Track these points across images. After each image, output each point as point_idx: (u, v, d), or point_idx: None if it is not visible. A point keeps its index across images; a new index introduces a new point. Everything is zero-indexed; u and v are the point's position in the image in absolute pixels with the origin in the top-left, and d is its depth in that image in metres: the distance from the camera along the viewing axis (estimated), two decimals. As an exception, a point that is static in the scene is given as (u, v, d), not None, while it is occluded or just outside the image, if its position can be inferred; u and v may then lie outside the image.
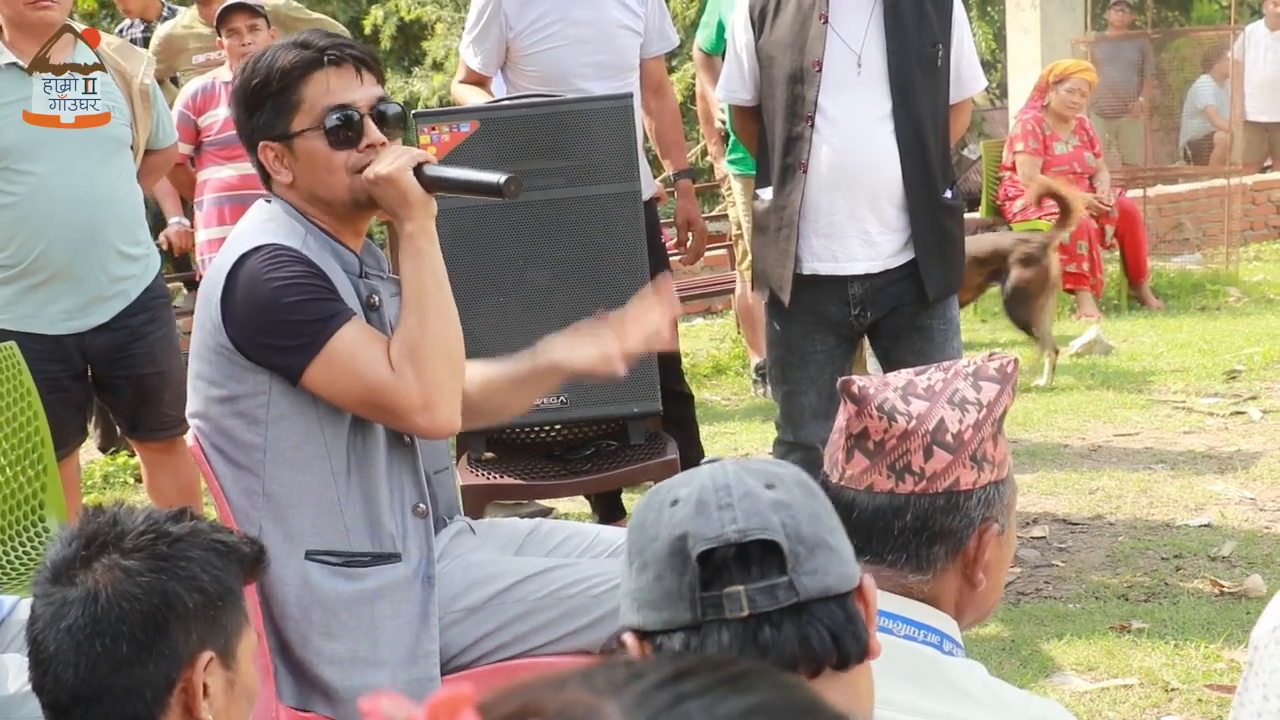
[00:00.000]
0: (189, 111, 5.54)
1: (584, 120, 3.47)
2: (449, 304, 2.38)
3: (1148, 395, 5.92)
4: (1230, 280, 8.37)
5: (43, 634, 1.63)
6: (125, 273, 3.81)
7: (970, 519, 1.59)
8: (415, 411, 2.31)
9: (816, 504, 1.33)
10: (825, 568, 1.29)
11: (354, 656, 2.38)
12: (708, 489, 1.31)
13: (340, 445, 2.37)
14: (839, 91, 3.54)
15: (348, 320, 2.31)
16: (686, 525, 1.29)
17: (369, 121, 2.38)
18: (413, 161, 2.34)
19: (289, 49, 2.40)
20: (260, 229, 2.39)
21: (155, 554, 1.63)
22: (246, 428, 2.37)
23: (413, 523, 2.43)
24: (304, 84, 2.37)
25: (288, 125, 2.38)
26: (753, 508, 1.29)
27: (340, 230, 2.44)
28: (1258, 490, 4.62)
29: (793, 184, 3.59)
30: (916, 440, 1.57)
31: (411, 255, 2.36)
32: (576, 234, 3.49)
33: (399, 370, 2.30)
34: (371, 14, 11.99)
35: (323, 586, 2.38)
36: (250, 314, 2.31)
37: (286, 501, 2.38)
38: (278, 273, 2.30)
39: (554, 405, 3.54)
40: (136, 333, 3.85)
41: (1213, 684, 3.26)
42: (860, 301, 3.64)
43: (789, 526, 1.29)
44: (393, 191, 2.34)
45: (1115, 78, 10.62)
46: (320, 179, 2.39)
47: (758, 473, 1.32)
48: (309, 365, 2.30)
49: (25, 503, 3.38)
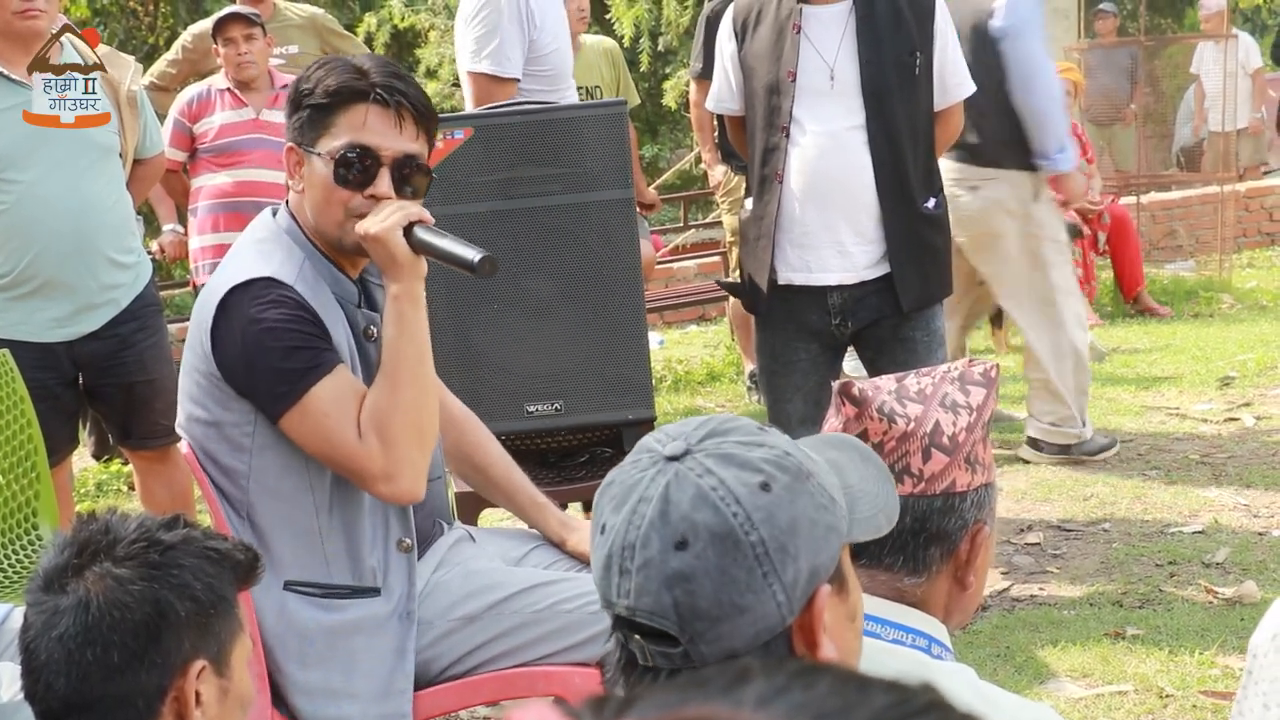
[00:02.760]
0: (184, 119, 5.54)
1: (578, 127, 3.47)
2: (426, 373, 2.34)
3: (1141, 402, 5.93)
4: (1223, 287, 8.39)
5: (35, 642, 1.62)
6: (115, 281, 3.80)
7: (964, 520, 1.60)
8: (377, 479, 2.30)
9: (735, 561, 1.22)
10: (731, 633, 1.23)
11: (326, 687, 2.37)
12: (618, 541, 1.25)
13: (324, 478, 2.35)
14: (813, 102, 3.55)
15: (329, 372, 2.28)
16: (597, 572, 1.28)
17: (385, 172, 2.33)
18: (404, 221, 2.28)
19: (346, 70, 2.35)
20: (258, 252, 2.36)
21: (147, 562, 1.62)
22: (231, 453, 2.37)
23: (395, 558, 2.41)
24: (342, 110, 2.33)
25: (314, 141, 2.35)
26: (646, 583, 1.23)
27: (338, 257, 2.40)
28: (1252, 496, 4.62)
29: (770, 195, 3.61)
30: (915, 442, 1.58)
31: (394, 319, 2.31)
32: (571, 240, 3.49)
33: (365, 438, 2.28)
34: (365, 21, 11.98)
35: (299, 616, 2.37)
36: (236, 353, 2.30)
37: (268, 529, 2.37)
38: (267, 313, 2.27)
39: (549, 413, 3.54)
40: (127, 341, 3.84)
41: (1207, 690, 3.26)
42: (840, 311, 3.65)
43: (683, 605, 1.22)
44: (381, 251, 2.29)
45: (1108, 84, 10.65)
46: (319, 206, 2.36)
47: (676, 524, 1.22)
48: (284, 414, 2.29)
49: (18, 511, 3.38)
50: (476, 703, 2.82)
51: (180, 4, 12.15)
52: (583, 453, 3.71)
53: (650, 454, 1.28)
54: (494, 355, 3.43)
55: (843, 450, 1.43)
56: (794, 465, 1.27)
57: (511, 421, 3.56)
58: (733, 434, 1.28)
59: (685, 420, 1.31)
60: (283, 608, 2.36)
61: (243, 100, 5.50)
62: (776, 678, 0.62)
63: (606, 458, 3.69)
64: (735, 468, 1.25)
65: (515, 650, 2.43)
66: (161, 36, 12.28)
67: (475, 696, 2.53)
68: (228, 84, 5.53)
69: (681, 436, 1.28)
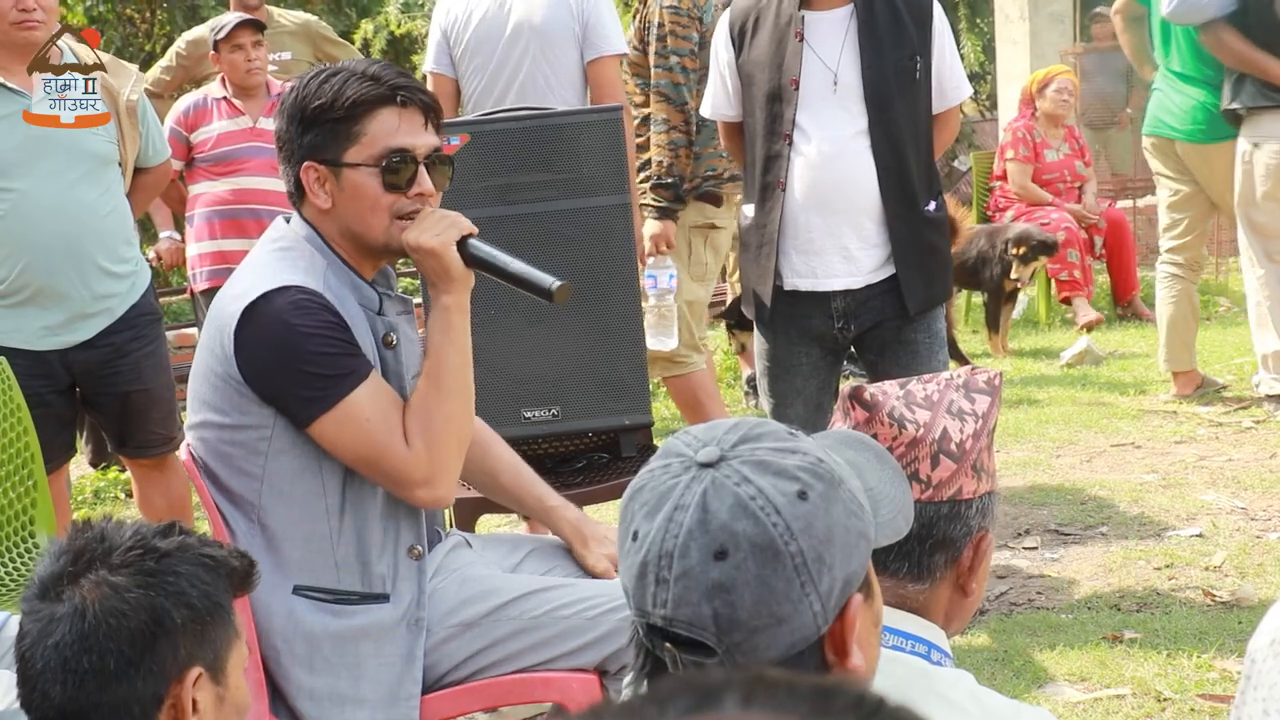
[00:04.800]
0: (180, 128, 5.54)
1: (575, 133, 3.47)
2: (469, 384, 2.39)
3: (1139, 405, 5.93)
4: (1220, 290, 8.39)
5: (30, 650, 1.62)
6: (109, 290, 3.79)
7: (969, 528, 1.60)
8: (418, 484, 2.34)
9: (775, 572, 1.21)
10: (768, 644, 1.22)
11: (334, 693, 2.37)
12: (653, 549, 1.23)
13: (336, 484, 2.36)
14: (816, 109, 3.55)
15: (364, 379, 2.31)
16: (629, 580, 1.26)
17: (423, 170, 2.37)
18: (458, 235, 2.34)
19: (360, 79, 2.35)
20: (282, 262, 2.36)
21: (143, 569, 1.62)
22: (245, 457, 2.37)
23: (405, 564, 2.41)
24: (370, 118, 2.34)
25: (341, 154, 2.35)
26: (685, 594, 1.22)
27: (360, 263, 2.41)
28: (1249, 500, 4.62)
29: (772, 202, 3.61)
30: (924, 448, 1.59)
31: (442, 328, 2.37)
32: (569, 245, 3.49)
33: (412, 444, 2.32)
34: (362, 28, 12.00)
35: (308, 620, 2.37)
36: (270, 356, 2.30)
37: (279, 534, 2.37)
38: (305, 320, 2.28)
39: (546, 418, 3.54)
40: (121, 350, 3.83)
41: (1205, 694, 3.25)
42: (843, 315, 3.65)
43: (722, 616, 1.21)
44: (434, 264, 2.34)
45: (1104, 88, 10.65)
46: (362, 215, 2.36)
47: (715, 534, 1.21)
48: (319, 418, 2.30)
49: (15, 519, 3.37)
50: (475, 709, 2.82)
51: (177, 11, 12.16)
52: (580, 458, 3.70)
53: (681, 459, 1.26)
54: (491, 359, 3.42)
55: (859, 450, 1.42)
56: (828, 473, 1.26)
57: (508, 426, 3.56)
58: (765, 439, 1.27)
59: (713, 423, 1.30)
60: (291, 612, 2.36)
61: (239, 109, 5.50)
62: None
63: (603, 463, 3.68)
64: (772, 476, 1.23)
65: (513, 656, 2.43)
66: (158, 44, 12.28)
67: (473, 702, 2.53)
68: (224, 93, 5.53)
69: (713, 441, 1.26)
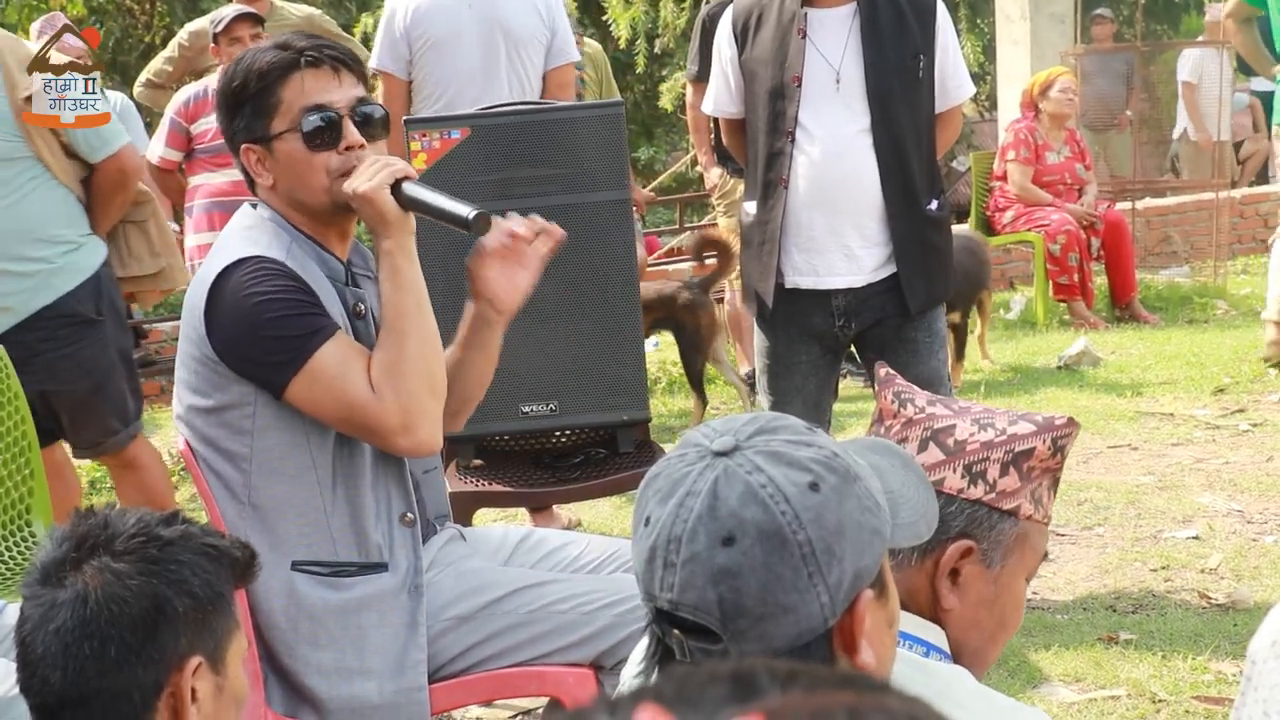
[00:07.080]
0: (180, 119, 5.55)
1: (574, 128, 3.47)
2: (428, 323, 2.36)
3: (1136, 407, 5.93)
4: (1218, 293, 8.40)
5: (31, 635, 1.62)
6: (6, 288, 3.70)
7: (946, 526, 1.57)
8: (395, 432, 2.31)
9: (781, 560, 1.22)
10: (773, 632, 1.23)
11: (341, 666, 2.37)
12: (663, 534, 1.25)
13: (326, 456, 2.36)
14: (819, 107, 3.55)
15: (331, 336, 2.30)
16: (639, 564, 1.28)
17: (348, 122, 2.36)
18: (390, 178, 2.31)
19: (267, 51, 2.39)
20: (244, 237, 2.38)
21: (146, 557, 1.62)
22: (231, 437, 2.37)
23: (400, 532, 2.42)
24: (281, 85, 2.35)
25: (266, 127, 2.37)
26: (691, 578, 1.23)
27: (325, 236, 2.42)
28: (1245, 502, 4.62)
29: (774, 199, 3.61)
30: (916, 430, 1.60)
31: (389, 274, 2.34)
32: (568, 241, 3.48)
33: (379, 391, 2.29)
34: (362, 21, 11.99)
35: (309, 596, 2.37)
36: (233, 328, 2.30)
37: (273, 512, 2.37)
38: (260, 286, 2.29)
39: (544, 413, 3.54)
40: (33, 349, 3.70)
41: (1200, 695, 3.26)
42: (844, 313, 3.65)
43: (727, 602, 1.22)
44: (370, 210, 2.32)
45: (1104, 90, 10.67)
46: (300, 181, 2.37)
47: (724, 520, 1.23)
48: (291, 381, 2.29)
49: (12, 507, 3.37)
50: (470, 702, 2.83)
51: (177, 3, 12.15)
52: (577, 453, 3.71)
53: (697, 448, 1.28)
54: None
55: (884, 455, 1.43)
56: (842, 467, 1.27)
57: (506, 422, 3.56)
58: (781, 432, 1.28)
59: (733, 416, 1.31)
60: (291, 589, 2.36)
61: (239, 100, 5.49)
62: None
63: (601, 458, 3.69)
64: (785, 466, 1.25)
65: (509, 650, 2.43)
66: (157, 35, 12.28)
67: (468, 696, 2.53)
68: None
69: (730, 432, 1.28)
